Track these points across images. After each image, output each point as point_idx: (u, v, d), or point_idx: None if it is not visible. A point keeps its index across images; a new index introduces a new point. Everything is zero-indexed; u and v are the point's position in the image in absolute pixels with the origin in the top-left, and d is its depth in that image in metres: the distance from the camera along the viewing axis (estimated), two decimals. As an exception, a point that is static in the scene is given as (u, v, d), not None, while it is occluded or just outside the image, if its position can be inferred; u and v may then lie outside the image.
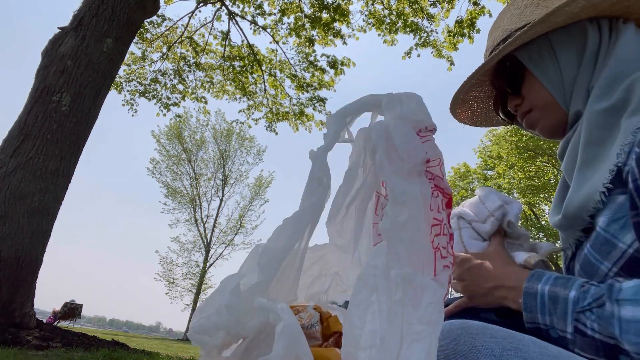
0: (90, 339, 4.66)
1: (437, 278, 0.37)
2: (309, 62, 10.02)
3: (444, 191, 0.41)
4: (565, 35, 0.73)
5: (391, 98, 0.45)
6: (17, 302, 4.15)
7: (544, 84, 0.74)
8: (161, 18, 9.64)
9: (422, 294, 0.35)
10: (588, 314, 0.52)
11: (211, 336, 0.42)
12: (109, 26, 5.03)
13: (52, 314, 12.57)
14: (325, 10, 9.01)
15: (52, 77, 4.68)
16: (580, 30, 0.73)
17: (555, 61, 0.73)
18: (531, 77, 0.76)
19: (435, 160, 0.42)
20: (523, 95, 0.79)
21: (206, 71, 10.59)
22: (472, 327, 0.42)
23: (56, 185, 4.57)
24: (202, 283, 22.08)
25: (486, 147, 17.75)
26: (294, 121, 10.79)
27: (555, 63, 0.73)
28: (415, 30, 8.89)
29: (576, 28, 0.73)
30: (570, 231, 0.69)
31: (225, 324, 0.40)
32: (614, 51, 0.69)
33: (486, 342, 0.40)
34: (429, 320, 0.34)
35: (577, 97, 0.72)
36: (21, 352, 3.25)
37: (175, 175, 22.37)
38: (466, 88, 0.86)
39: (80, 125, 4.78)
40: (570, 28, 0.73)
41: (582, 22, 0.73)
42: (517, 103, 0.81)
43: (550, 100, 0.75)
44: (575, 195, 0.66)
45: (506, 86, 0.81)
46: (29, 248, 4.29)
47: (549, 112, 0.76)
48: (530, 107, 0.78)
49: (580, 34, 0.73)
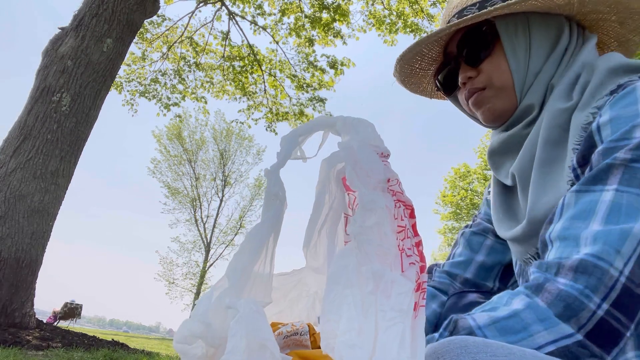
0: (90, 339, 4.66)
1: (405, 274, 0.40)
2: (309, 62, 10.02)
3: (406, 203, 0.45)
4: (544, 22, 0.72)
5: (346, 121, 0.48)
6: (17, 302, 4.15)
7: (510, 65, 0.71)
8: (161, 18, 9.65)
9: (392, 286, 0.38)
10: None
11: (190, 344, 0.43)
12: (109, 26, 5.03)
13: (52, 314, 12.57)
14: (325, 11, 9.01)
15: (52, 77, 4.68)
16: (557, 24, 0.72)
17: (528, 45, 0.71)
18: (500, 52, 0.72)
19: (394, 180, 0.46)
20: (480, 69, 0.73)
21: (206, 71, 10.60)
22: (471, 346, 0.41)
23: (56, 185, 4.58)
24: (202, 283, 22.08)
25: (486, 147, 17.74)
26: (293, 121, 10.79)
27: (527, 47, 0.71)
28: (415, 31, 8.90)
29: (554, 20, 0.72)
30: (533, 240, 0.66)
31: (202, 332, 0.42)
32: (580, 55, 0.70)
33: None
34: (400, 309, 0.36)
35: (535, 90, 0.70)
36: (21, 352, 3.25)
37: (176, 175, 22.40)
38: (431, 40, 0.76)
39: (80, 125, 4.79)
40: (549, 18, 0.72)
41: (560, 17, 0.73)
42: (471, 75, 0.74)
43: (508, 84, 0.71)
44: (541, 198, 0.63)
45: (469, 53, 0.74)
46: (29, 248, 4.29)
47: (502, 96, 0.72)
48: (485, 84, 0.73)
49: (556, 27, 0.72)
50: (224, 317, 0.42)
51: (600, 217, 0.50)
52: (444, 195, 18.65)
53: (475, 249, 0.89)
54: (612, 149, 0.53)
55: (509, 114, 0.73)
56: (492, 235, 0.89)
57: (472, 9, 0.74)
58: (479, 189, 17.63)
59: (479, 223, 0.91)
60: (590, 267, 0.47)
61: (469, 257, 0.89)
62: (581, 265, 0.47)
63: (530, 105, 0.71)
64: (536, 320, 0.47)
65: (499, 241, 0.88)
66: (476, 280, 0.87)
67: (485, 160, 17.73)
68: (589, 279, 0.46)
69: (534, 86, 0.71)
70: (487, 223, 0.90)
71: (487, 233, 0.89)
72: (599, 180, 0.53)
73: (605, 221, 0.49)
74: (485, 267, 0.87)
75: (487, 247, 0.88)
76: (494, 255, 0.87)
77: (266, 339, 0.37)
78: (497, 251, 0.87)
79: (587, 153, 0.57)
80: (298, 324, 0.54)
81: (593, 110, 0.60)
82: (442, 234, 20.07)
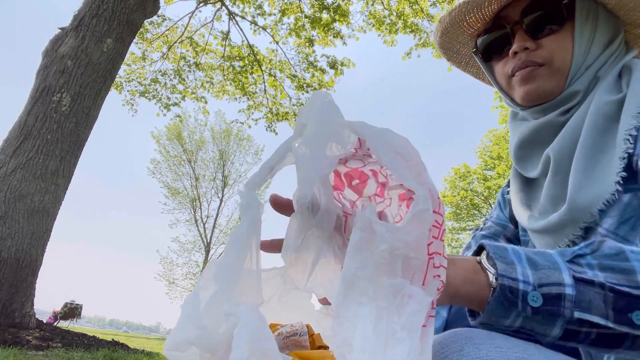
0: (90, 339, 4.66)
1: (425, 287, 0.38)
2: (309, 63, 10.02)
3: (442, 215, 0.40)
4: (607, 19, 0.72)
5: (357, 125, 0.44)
6: (17, 302, 4.15)
7: (574, 49, 0.68)
8: (161, 18, 9.65)
9: (407, 302, 0.36)
10: (588, 258, 0.42)
11: (183, 351, 0.41)
12: (109, 26, 5.03)
13: (52, 314, 12.56)
14: (325, 11, 9.01)
15: (52, 77, 4.68)
16: (615, 25, 0.73)
17: (593, 34, 0.70)
18: (568, 32, 0.69)
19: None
20: (541, 44, 0.70)
21: (206, 71, 10.60)
22: (476, 337, 0.41)
23: (56, 185, 4.58)
24: (202, 283, 22.08)
25: (486, 148, 17.75)
26: (293, 121, 10.79)
27: (592, 36, 0.70)
28: (415, 31, 8.90)
29: (614, 22, 0.73)
30: (568, 230, 0.62)
31: (196, 338, 0.40)
32: (622, 60, 0.71)
33: (490, 353, 0.39)
34: (410, 328, 0.35)
35: (585, 79, 0.69)
36: (21, 352, 3.25)
37: (176, 175, 22.40)
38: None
39: (80, 125, 4.79)
40: (611, 17, 0.73)
41: (619, 21, 0.73)
42: (529, 47, 0.70)
43: (567, 67, 0.69)
44: (584, 185, 0.60)
45: (535, 22, 0.70)
46: (29, 248, 4.29)
47: (556, 77, 0.70)
48: (545, 61, 0.69)
49: (615, 27, 0.73)
50: (217, 321, 0.40)
51: None
52: (443, 196, 18.64)
53: None
54: None
55: (553, 97, 0.70)
56: (503, 239, 0.88)
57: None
58: (479, 189, 17.62)
59: (490, 226, 0.90)
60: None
61: None
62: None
63: (576, 92, 0.69)
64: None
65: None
66: None
67: (485, 161, 17.72)
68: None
69: (585, 75, 0.69)
70: (499, 227, 0.89)
71: (498, 237, 0.88)
72: None
73: None
74: None
75: None
76: None
77: (270, 348, 0.36)
78: None
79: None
80: (297, 324, 0.54)
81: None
82: (442, 234, 19.99)
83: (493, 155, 17.31)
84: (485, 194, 17.35)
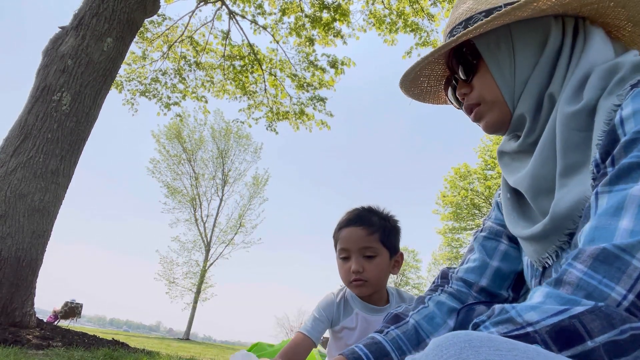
0: (91, 338, 4.67)
1: None
2: (309, 62, 10.02)
3: None
4: (527, 28, 0.71)
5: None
6: (18, 301, 4.15)
7: (496, 79, 0.72)
8: (161, 17, 9.64)
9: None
10: (486, 323, 0.49)
11: None
12: (110, 25, 5.03)
13: (53, 313, 12.56)
14: (325, 10, 9.00)
15: (53, 77, 4.68)
16: (543, 26, 0.71)
17: (512, 57, 0.71)
18: (485, 68, 0.73)
19: None
20: (473, 85, 0.76)
21: (206, 70, 10.59)
22: (475, 340, 0.41)
23: (56, 184, 4.58)
24: (203, 282, 22.07)
25: (486, 147, 17.74)
26: (294, 120, 10.79)
27: (511, 60, 0.71)
28: (415, 30, 8.89)
29: (540, 23, 0.71)
30: (553, 237, 0.64)
31: None
32: (586, 55, 0.67)
33: (490, 356, 0.39)
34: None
35: (525, 99, 0.70)
36: (21, 352, 3.25)
37: (176, 174, 22.39)
38: (421, 65, 0.80)
39: (80, 125, 4.79)
40: (533, 22, 0.71)
41: (547, 17, 0.71)
42: (466, 92, 0.77)
43: (499, 98, 0.73)
44: (564, 197, 0.62)
45: (459, 72, 0.77)
46: (29, 247, 4.29)
47: (495, 109, 0.74)
48: (478, 100, 0.76)
49: (543, 30, 0.71)
50: None
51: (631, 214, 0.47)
52: (444, 196, 18.64)
53: (489, 253, 0.88)
54: (636, 140, 0.51)
55: (507, 125, 0.75)
56: (505, 238, 0.88)
57: (459, 28, 0.76)
58: (479, 189, 17.62)
59: (491, 227, 0.91)
60: (612, 257, 0.45)
61: (483, 262, 0.88)
62: (602, 254, 0.46)
63: (521, 115, 0.71)
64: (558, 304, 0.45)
65: (512, 245, 0.87)
66: (491, 289, 0.87)
67: (485, 160, 17.72)
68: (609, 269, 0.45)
69: (523, 95, 0.71)
70: (499, 227, 0.89)
71: (499, 237, 0.89)
72: (628, 177, 0.50)
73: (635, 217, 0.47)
74: (501, 275, 0.87)
75: (501, 253, 0.87)
76: (509, 262, 0.86)
77: None
78: (512, 257, 0.87)
79: (611, 148, 0.55)
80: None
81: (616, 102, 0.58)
82: (442, 234, 20.06)
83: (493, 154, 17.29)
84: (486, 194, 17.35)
